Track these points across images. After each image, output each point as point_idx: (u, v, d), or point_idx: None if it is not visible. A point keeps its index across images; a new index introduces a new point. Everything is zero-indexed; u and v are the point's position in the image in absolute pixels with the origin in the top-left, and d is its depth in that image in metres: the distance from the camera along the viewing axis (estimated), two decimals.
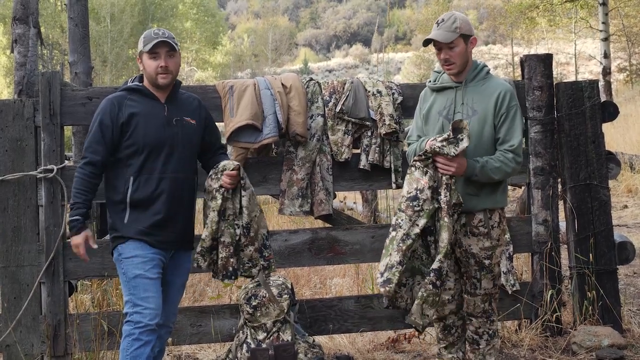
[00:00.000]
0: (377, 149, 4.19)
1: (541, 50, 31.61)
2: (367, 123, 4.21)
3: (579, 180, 4.34)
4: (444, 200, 2.99)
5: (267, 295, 3.85)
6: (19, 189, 3.93)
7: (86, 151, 3.15)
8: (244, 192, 3.25)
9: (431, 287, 2.94)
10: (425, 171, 3.03)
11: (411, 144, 3.42)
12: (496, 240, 3.23)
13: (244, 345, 3.83)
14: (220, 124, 4.22)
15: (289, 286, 3.99)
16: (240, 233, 3.23)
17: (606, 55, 19.06)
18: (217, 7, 45.55)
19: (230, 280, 3.26)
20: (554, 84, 4.39)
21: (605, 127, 4.56)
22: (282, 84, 4.18)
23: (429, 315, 2.98)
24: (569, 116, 4.35)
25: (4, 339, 3.88)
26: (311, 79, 4.32)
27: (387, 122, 4.14)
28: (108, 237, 3.33)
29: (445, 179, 3.02)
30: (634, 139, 13.33)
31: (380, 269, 2.99)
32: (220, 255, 3.21)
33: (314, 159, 4.18)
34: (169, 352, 4.16)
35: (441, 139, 3.03)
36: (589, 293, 4.28)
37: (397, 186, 4.18)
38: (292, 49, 67.68)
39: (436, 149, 3.01)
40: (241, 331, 3.91)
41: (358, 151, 4.26)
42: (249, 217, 3.25)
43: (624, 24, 25.07)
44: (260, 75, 9.49)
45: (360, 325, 4.20)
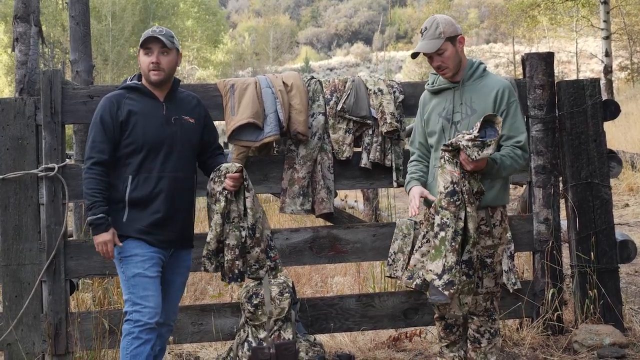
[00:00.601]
0: (379, 147, 4.19)
1: (542, 48, 31.57)
2: (369, 121, 4.21)
3: (580, 178, 4.34)
4: (466, 189, 2.98)
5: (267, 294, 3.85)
6: (20, 187, 3.94)
7: (92, 151, 3.10)
8: (247, 193, 3.24)
9: (465, 277, 2.99)
10: (455, 162, 3.00)
11: (410, 163, 3.38)
12: (498, 239, 3.22)
13: (245, 344, 3.83)
14: (221, 123, 4.22)
15: (290, 285, 3.99)
16: (246, 235, 3.22)
17: (607, 54, 19.06)
18: (218, 5, 45.55)
19: (237, 282, 3.25)
20: (555, 82, 4.39)
21: (607, 125, 4.56)
22: (284, 82, 4.18)
23: (467, 303, 3.08)
24: (571, 115, 4.34)
25: (5, 337, 3.88)
26: (312, 78, 4.32)
27: (389, 120, 4.14)
28: None
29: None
30: (635, 138, 13.31)
31: (435, 270, 2.94)
32: (226, 258, 3.20)
33: (315, 158, 4.18)
34: (170, 350, 4.16)
35: (467, 137, 2.96)
36: (590, 292, 4.28)
37: (398, 185, 4.18)
38: (293, 47, 67.67)
39: (461, 145, 2.96)
40: (242, 330, 3.92)
41: (359, 150, 4.26)
42: (254, 218, 3.24)
43: (625, 23, 25.04)
44: (262, 73, 9.51)
45: (362, 323, 4.20)
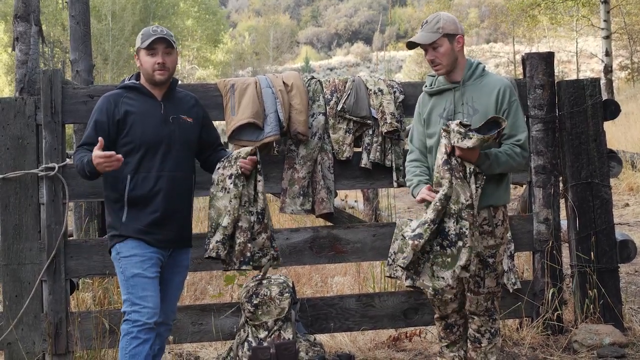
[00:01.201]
0: (379, 147, 4.19)
1: (542, 48, 31.58)
2: (369, 121, 4.21)
3: (580, 178, 4.34)
4: (458, 162, 2.97)
5: (268, 294, 3.85)
6: (20, 187, 3.94)
7: (80, 147, 3.10)
8: (259, 177, 3.27)
9: (438, 248, 2.94)
10: (448, 138, 3.01)
11: (411, 163, 3.36)
12: (500, 239, 3.22)
13: (245, 344, 3.83)
14: (222, 123, 4.22)
15: (290, 285, 3.99)
16: (255, 220, 3.24)
17: (608, 54, 19.06)
18: (218, 5, 45.54)
19: (248, 265, 3.24)
20: (555, 82, 4.39)
21: (607, 125, 4.55)
22: (284, 82, 4.18)
23: (444, 278, 2.93)
24: (571, 114, 4.34)
25: (5, 337, 3.88)
26: (312, 78, 4.32)
27: (389, 120, 4.14)
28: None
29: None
30: (636, 137, 13.31)
31: (412, 226, 2.95)
32: (238, 241, 3.21)
33: (315, 158, 4.18)
34: (170, 350, 4.16)
35: (457, 122, 2.98)
36: (590, 291, 4.28)
37: (399, 185, 4.17)
38: (293, 47, 67.67)
39: (450, 128, 2.98)
40: (242, 329, 3.92)
41: (359, 150, 4.26)
42: (264, 203, 3.27)
43: (625, 22, 25.02)
44: (262, 73, 9.52)
45: (362, 323, 4.20)
